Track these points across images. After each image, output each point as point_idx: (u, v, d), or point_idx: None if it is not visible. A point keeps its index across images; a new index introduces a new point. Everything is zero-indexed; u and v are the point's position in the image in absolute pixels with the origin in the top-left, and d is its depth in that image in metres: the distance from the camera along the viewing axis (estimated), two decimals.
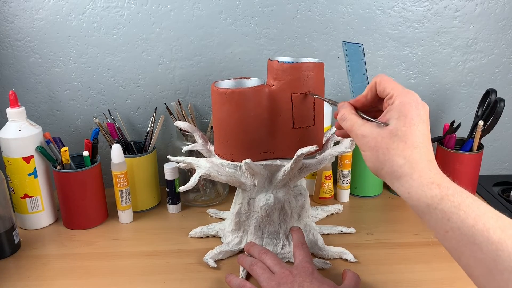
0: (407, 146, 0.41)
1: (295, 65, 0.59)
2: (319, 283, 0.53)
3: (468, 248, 0.37)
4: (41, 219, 0.76)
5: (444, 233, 0.39)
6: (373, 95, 0.48)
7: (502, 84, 0.90)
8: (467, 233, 0.37)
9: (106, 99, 0.87)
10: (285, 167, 0.61)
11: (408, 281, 0.61)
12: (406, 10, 0.83)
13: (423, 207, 0.40)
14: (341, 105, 0.50)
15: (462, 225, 0.37)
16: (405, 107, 0.42)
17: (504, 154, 0.97)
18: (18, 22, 0.80)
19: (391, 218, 0.79)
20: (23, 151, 0.71)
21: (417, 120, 0.42)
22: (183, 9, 0.81)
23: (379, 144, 0.43)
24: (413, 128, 0.42)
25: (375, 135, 0.43)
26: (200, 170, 0.61)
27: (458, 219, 0.37)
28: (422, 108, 0.43)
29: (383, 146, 0.42)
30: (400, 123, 0.42)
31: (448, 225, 0.38)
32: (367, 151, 0.44)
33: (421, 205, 0.40)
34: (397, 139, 0.42)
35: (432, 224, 0.40)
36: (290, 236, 0.66)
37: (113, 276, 0.63)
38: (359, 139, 0.45)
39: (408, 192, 0.41)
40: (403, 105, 0.43)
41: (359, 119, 0.46)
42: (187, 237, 0.73)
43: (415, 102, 0.43)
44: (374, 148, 0.43)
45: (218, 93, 0.60)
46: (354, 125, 0.46)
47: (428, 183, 0.40)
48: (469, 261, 0.37)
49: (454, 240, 0.38)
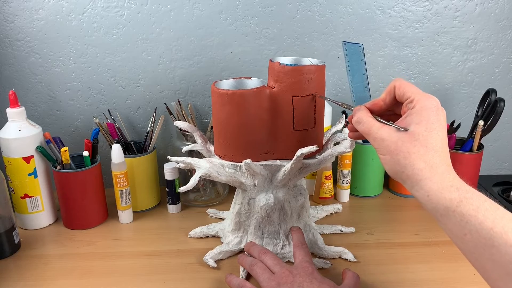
0: (428, 151, 0.42)
1: (297, 68, 0.59)
2: (319, 283, 0.53)
3: (486, 251, 0.37)
4: (41, 219, 0.76)
5: (462, 236, 0.39)
6: (391, 98, 0.48)
7: (502, 84, 0.90)
8: (485, 235, 0.37)
9: (106, 99, 0.87)
10: (285, 167, 0.61)
11: (408, 281, 0.61)
12: (406, 10, 0.83)
13: (441, 210, 0.40)
14: (357, 109, 0.49)
15: (480, 228, 0.37)
16: (427, 111, 0.43)
17: (504, 154, 0.97)
18: (18, 22, 0.80)
19: (391, 218, 0.79)
20: (23, 151, 0.71)
21: (437, 125, 0.43)
22: (183, 9, 0.81)
23: (399, 148, 0.43)
24: (434, 133, 0.42)
25: (395, 139, 0.43)
26: (200, 171, 0.61)
27: (477, 221, 0.38)
28: (442, 113, 0.44)
29: (404, 150, 0.43)
30: (421, 128, 0.43)
31: (466, 228, 0.38)
32: (386, 155, 0.44)
33: (440, 208, 0.40)
34: (418, 144, 0.42)
35: (450, 227, 0.40)
36: (290, 236, 0.66)
37: (113, 276, 0.63)
38: (378, 142, 0.45)
39: (428, 195, 0.41)
40: (424, 110, 0.43)
41: (377, 123, 0.46)
42: (187, 237, 0.73)
43: (435, 107, 0.43)
44: (395, 151, 0.43)
45: (219, 94, 0.60)
46: (372, 128, 0.46)
47: (448, 186, 0.40)
48: (486, 264, 0.38)
49: (472, 243, 0.38)
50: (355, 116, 0.49)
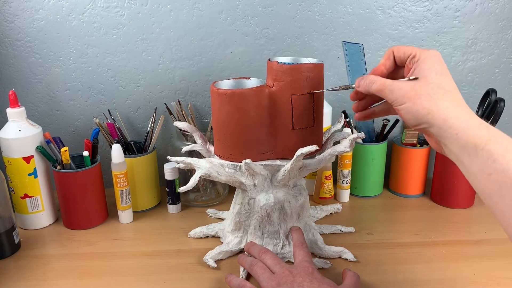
0: (447, 91, 0.43)
1: (295, 66, 0.59)
2: (319, 282, 0.53)
3: (510, 191, 0.37)
4: (41, 219, 0.76)
5: (486, 175, 0.39)
6: (391, 63, 0.49)
7: (502, 84, 0.90)
8: (510, 175, 0.37)
9: (106, 99, 0.87)
10: (285, 167, 0.61)
11: (408, 281, 0.61)
12: (406, 10, 0.83)
13: (470, 148, 0.40)
14: (362, 77, 0.50)
15: (507, 168, 0.37)
16: (432, 59, 0.44)
17: None
18: (18, 22, 0.80)
19: (391, 218, 0.79)
20: (23, 151, 0.71)
21: (444, 71, 0.44)
22: (183, 9, 0.81)
23: (419, 92, 0.43)
24: (444, 77, 0.43)
25: (412, 86, 0.44)
26: (200, 171, 0.61)
27: (504, 161, 0.38)
28: (443, 63, 0.45)
29: (424, 93, 0.43)
30: (432, 73, 0.44)
31: (492, 167, 0.38)
32: (407, 103, 0.44)
33: (468, 146, 0.40)
34: (435, 86, 0.43)
35: (474, 167, 0.40)
36: (290, 236, 0.66)
37: (113, 276, 0.63)
38: (395, 93, 0.45)
39: (457, 133, 0.41)
40: (429, 58, 0.44)
41: (388, 79, 0.47)
42: (187, 237, 0.73)
43: (438, 56, 0.45)
44: (415, 96, 0.43)
45: (218, 93, 0.60)
46: (386, 83, 0.46)
47: (477, 124, 0.41)
48: (508, 205, 0.38)
49: (496, 183, 0.38)
50: (366, 80, 0.49)
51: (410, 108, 0.44)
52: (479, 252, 0.68)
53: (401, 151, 0.85)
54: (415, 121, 0.45)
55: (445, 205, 0.83)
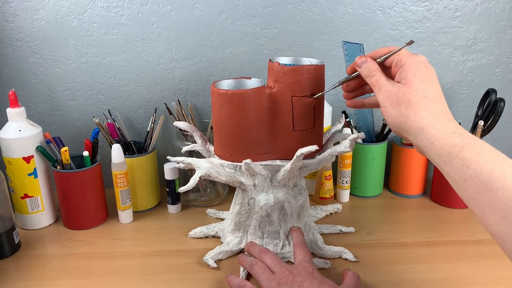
0: (427, 100, 0.44)
1: (296, 68, 0.59)
2: (319, 282, 0.53)
3: (485, 195, 0.38)
4: (41, 219, 0.76)
5: (463, 181, 0.40)
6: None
7: (502, 84, 0.90)
8: (485, 180, 0.38)
9: (106, 99, 0.87)
10: (285, 167, 0.61)
11: (408, 281, 0.61)
12: (406, 10, 0.83)
13: (445, 155, 0.42)
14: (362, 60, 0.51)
15: (480, 172, 0.39)
16: (417, 65, 0.46)
17: (504, 154, 0.96)
18: (18, 22, 0.80)
19: (391, 218, 0.79)
20: (23, 151, 0.71)
21: (430, 78, 0.45)
22: (183, 9, 0.81)
23: (401, 98, 0.45)
24: (429, 85, 0.45)
25: (397, 90, 0.46)
26: (200, 171, 0.61)
27: (477, 166, 0.39)
28: (431, 68, 0.47)
29: (405, 100, 0.45)
30: (416, 80, 0.45)
31: (467, 173, 0.40)
32: (389, 106, 0.46)
33: (443, 154, 0.42)
34: (417, 94, 0.44)
35: (452, 173, 0.42)
36: (290, 236, 0.66)
37: (113, 276, 0.63)
38: (382, 93, 0.47)
39: (431, 143, 0.43)
40: (414, 64, 0.46)
41: (384, 76, 0.48)
42: (187, 237, 0.73)
43: (423, 63, 0.46)
44: (397, 102, 0.45)
45: (219, 94, 0.60)
46: (380, 80, 0.48)
47: (450, 132, 0.42)
48: (485, 208, 0.39)
49: (472, 188, 0.40)
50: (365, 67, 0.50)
51: (391, 112, 0.46)
52: (479, 252, 0.68)
53: (401, 151, 0.85)
54: (395, 126, 0.47)
55: (445, 205, 0.83)
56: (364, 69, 0.50)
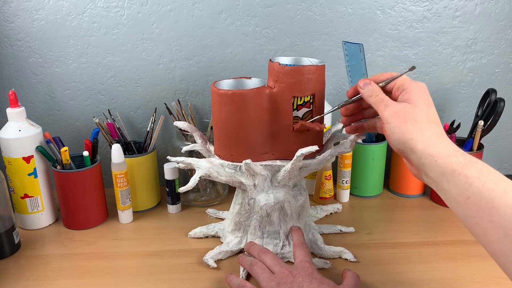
0: (430, 122, 0.46)
1: (296, 68, 0.59)
2: (319, 282, 0.53)
3: (487, 212, 0.39)
4: (41, 219, 0.76)
5: (465, 199, 0.41)
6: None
7: (502, 84, 0.90)
8: (487, 197, 0.39)
9: (106, 99, 0.87)
10: (286, 167, 0.61)
11: (408, 281, 0.61)
12: (406, 10, 0.83)
13: (448, 173, 0.43)
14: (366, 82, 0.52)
15: (483, 189, 0.40)
16: (420, 90, 0.48)
17: (504, 154, 0.97)
18: (18, 22, 0.80)
19: (391, 218, 0.79)
20: (23, 151, 0.71)
21: (430, 103, 0.48)
22: (183, 9, 0.81)
23: (408, 116, 0.47)
24: (431, 109, 0.48)
25: (403, 107, 0.48)
26: (200, 171, 0.61)
27: (480, 183, 0.40)
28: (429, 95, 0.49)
29: (412, 118, 0.46)
30: (420, 102, 0.47)
31: (470, 190, 0.41)
32: (395, 122, 0.47)
33: (446, 171, 0.43)
34: (422, 114, 0.47)
35: (454, 192, 0.42)
36: (290, 236, 0.66)
37: (113, 276, 0.63)
38: (389, 110, 0.48)
39: (436, 160, 0.44)
40: (417, 89, 0.48)
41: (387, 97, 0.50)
42: (187, 237, 0.73)
43: (424, 89, 0.49)
44: (403, 119, 0.47)
45: (219, 94, 0.60)
46: (385, 99, 0.49)
47: (454, 151, 0.44)
48: (486, 226, 0.39)
49: (474, 206, 0.40)
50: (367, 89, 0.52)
51: (397, 129, 0.47)
52: (479, 252, 0.68)
53: None
54: (398, 144, 0.47)
55: (445, 205, 0.82)
56: (367, 90, 0.52)
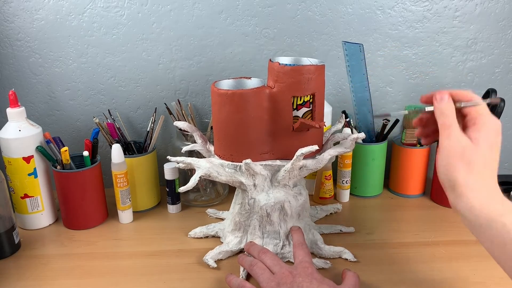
0: (486, 167, 0.46)
1: (296, 68, 0.59)
2: (319, 283, 0.53)
3: None
4: (41, 219, 0.76)
5: (503, 246, 0.42)
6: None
7: (502, 84, 0.90)
8: None
9: (106, 99, 0.87)
10: (286, 167, 0.61)
11: (408, 281, 0.61)
12: (406, 10, 0.83)
13: (483, 219, 0.43)
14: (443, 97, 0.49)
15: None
16: (491, 132, 0.47)
17: (504, 154, 0.97)
18: (18, 22, 0.80)
19: (391, 218, 0.79)
20: (23, 151, 0.71)
21: (496, 147, 0.47)
22: (183, 9, 0.81)
23: (465, 156, 0.45)
24: (493, 153, 0.46)
25: (464, 145, 0.46)
26: (200, 171, 0.61)
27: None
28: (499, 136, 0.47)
29: (468, 159, 0.45)
30: (485, 144, 0.46)
31: (508, 238, 0.41)
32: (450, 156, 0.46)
33: (482, 217, 0.43)
34: (480, 157, 0.45)
35: (490, 238, 0.43)
36: (290, 236, 0.66)
37: (113, 276, 0.63)
38: (448, 141, 0.47)
39: (472, 206, 0.44)
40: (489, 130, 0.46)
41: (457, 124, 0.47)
42: (187, 237, 0.73)
43: (497, 130, 0.47)
44: (460, 157, 0.46)
45: (219, 94, 0.60)
46: (452, 126, 0.47)
47: (493, 197, 0.44)
48: None
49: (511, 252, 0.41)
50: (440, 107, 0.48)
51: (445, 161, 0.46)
52: (479, 252, 0.67)
53: (401, 151, 0.85)
54: (443, 175, 0.47)
55: (445, 205, 0.83)
56: (440, 107, 0.48)
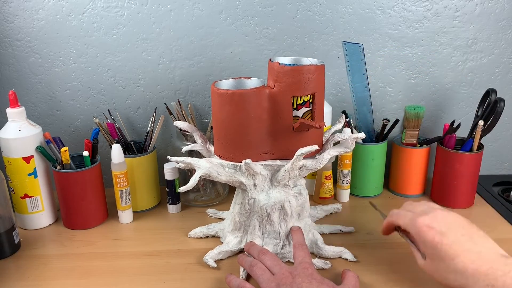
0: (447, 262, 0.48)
1: (296, 68, 0.59)
2: (318, 283, 0.53)
3: None
4: (41, 219, 0.76)
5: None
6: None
7: (502, 84, 0.90)
8: None
9: (106, 99, 0.87)
10: (286, 167, 0.61)
11: (408, 281, 0.61)
12: (406, 10, 0.83)
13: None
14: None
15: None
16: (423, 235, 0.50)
17: (504, 154, 0.97)
18: (18, 22, 0.80)
19: None
20: (23, 151, 0.71)
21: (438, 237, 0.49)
22: (183, 9, 0.81)
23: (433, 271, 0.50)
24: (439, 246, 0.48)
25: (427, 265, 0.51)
26: (200, 171, 0.61)
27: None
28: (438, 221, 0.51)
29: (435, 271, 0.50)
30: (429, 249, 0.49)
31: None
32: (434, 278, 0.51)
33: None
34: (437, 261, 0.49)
35: None
36: (290, 236, 0.66)
37: (113, 276, 0.63)
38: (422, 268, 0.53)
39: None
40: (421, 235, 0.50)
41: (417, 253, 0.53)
42: (187, 237, 0.73)
43: (426, 226, 0.50)
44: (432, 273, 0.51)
45: (219, 94, 0.60)
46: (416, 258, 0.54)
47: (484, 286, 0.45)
48: None
49: None
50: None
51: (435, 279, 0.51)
52: None
53: (401, 151, 0.85)
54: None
55: (445, 205, 0.83)
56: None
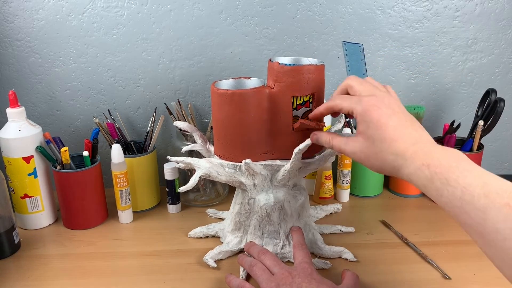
0: (388, 143, 0.46)
1: (296, 68, 0.59)
2: (318, 283, 0.53)
3: (462, 217, 0.40)
4: (41, 219, 0.76)
5: (444, 205, 0.42)
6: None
7: (502, 84, 0.90)
8: (457, 204, 0.39)
9: (106, 99, 0.87)
10: (285, 167, 0.61)
11: (408, 281, 0.61)
12: (406, 10, 0.83)
13: (422, 187, 0.44)
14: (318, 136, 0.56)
15: (453, 198, 0.40)
16: (369, 114, 0.47)
17: (504, 154, 0.97)
18: (18, 22, 0.80)
19: (391, 218, 0.79)
20: (23, 151, 0.71)
21: (384, 118, 0.46)
22: (183, 9, 0.81)
23: (368, 154, 0.48)
24: (384, 127, 0.46)
25: (361, 149, 0.49)
26: (200, 171, 0.61)
27: (448, 193, 0.40)
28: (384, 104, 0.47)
29: (372, 155, 0.47)
30: (371, 130, 0.47)
31: (443, 200, 0.41)
32: (364, 162, 0.49)
33: (420, 186, 0.44)
34: (378, 143, 0.46)
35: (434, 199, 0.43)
36: (290, 236, 0.66)
37: (113, 276, 0.63)
38: (351, 156, 0.51)
39: (410, 179, 0.45)
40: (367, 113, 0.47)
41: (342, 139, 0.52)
42: (187, 237, 0.73)
43: (372, 105, 0.47)
44: (366, 158, 0.48)
45: (218, 94, 0.60)
46: (341, 147, 0.52)
47: (420, 165, 0.43)
48: (465, 228, 0.40)
49: (451, 210, 0.41)
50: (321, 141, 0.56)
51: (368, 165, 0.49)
52: (479, 252, 0.67)
53: None
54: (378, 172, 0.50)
55: None
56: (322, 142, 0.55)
